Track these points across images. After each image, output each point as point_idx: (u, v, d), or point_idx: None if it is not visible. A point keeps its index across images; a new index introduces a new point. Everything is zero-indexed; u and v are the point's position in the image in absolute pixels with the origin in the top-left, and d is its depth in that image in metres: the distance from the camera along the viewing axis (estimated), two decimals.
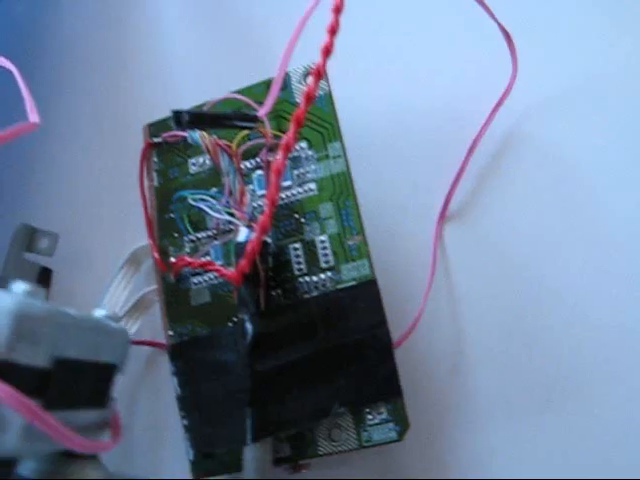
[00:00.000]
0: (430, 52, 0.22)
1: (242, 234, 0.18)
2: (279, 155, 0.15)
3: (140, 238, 0.21)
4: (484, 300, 0.20)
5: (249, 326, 0.18)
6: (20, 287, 0.12)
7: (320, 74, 0.15)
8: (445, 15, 0.22)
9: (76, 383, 0.13)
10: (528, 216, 0.20)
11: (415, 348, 0.20)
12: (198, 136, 0.19)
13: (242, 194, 0.18)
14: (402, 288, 0.20)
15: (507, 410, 0.19)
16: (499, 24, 0.19)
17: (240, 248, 0.18)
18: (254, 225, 0.18)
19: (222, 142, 0.19)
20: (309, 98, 0.15)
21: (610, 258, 0.19)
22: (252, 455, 0.17)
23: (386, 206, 0.21)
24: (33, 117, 0.16)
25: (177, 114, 0.16)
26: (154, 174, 0.20)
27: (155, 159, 0.21)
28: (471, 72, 0.21)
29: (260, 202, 0.19)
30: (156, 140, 0.21)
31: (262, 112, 0.17)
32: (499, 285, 0.20)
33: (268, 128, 0.19)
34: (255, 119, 0.17)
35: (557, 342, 0.19)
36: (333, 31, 0.15)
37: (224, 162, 0.19)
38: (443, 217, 0.21)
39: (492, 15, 0.19)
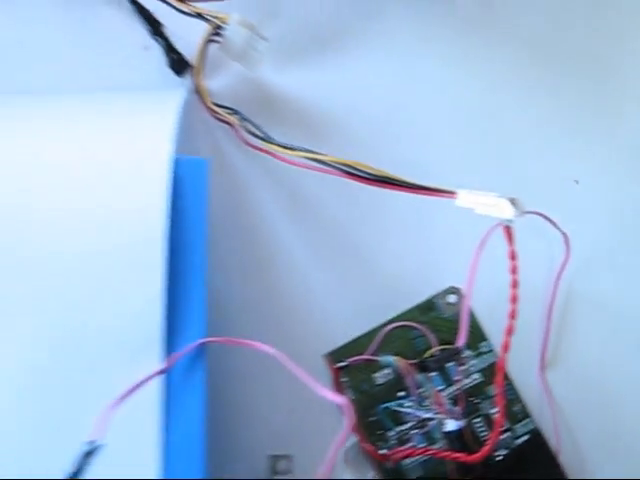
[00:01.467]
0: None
1: (451, 425, 0.27)
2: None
3: None
4: (593, 426, 0.30)
5: None
6: None
7: (502, 368, 0.25)
8: None
9: None
10: (608, 352, 0.31)
11: None
12: (392, 360, 0.28)
13: (437, 397, 0.28)
14: None
15: None
16: (560, 230, 0.30)
17: (451, 435, 0.27)
18: (456, 415, 0.27)
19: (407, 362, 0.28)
20: (500, 369, 0.25)
21: None
22: None
23: None
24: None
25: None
26: (348, 390, 0.29)
27: (344, 378, 0.29)
28: (534, 257, 0.32)
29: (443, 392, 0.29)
30: (341, 365, 0.29)
31: (460, 343, 0.26)
32: (598, 410, 0.31)
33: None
34: (458, 351, 0.27)
35: None
36: (514, 300, 0.25)
37: (418, 377, 0.28)
38: (543, 367, 0.31)
39: (553, 222, 0.30)
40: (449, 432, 0.27)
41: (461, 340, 0.27)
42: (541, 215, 0.29)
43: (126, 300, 0.25)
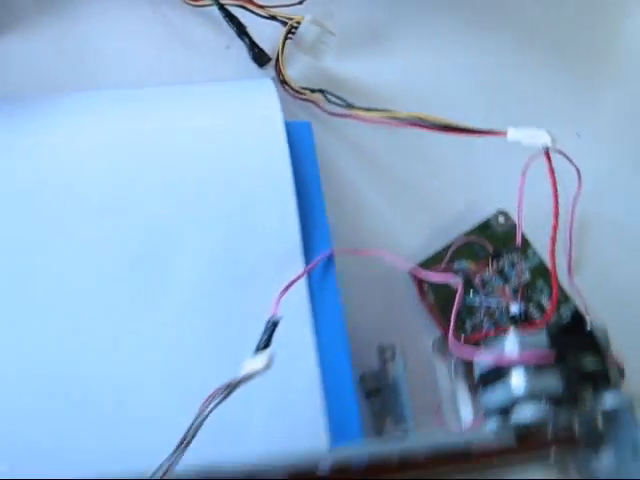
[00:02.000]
0: None
1: (515, 308, 0.37)
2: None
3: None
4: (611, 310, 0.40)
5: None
6: None
7: (554, 253, 0.35)
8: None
9: None
10: (617, 257, 0.41)
11: None
12: (465, 264, 0.37)
13: (501, 289, 0.37)
14: None
15: None
16: (573, 163, 0.40)
17: (515, 318, 0.37)
18: (518, 299, 0.37)
19: (476, 264, 0.38)
20: (552, 253, 0.35)
21: None
22: None
23: None
24: None
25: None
26: (430, 294, 0.38)
27: (426, 286, 0.38)
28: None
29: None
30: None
31: (518, 243, 0.36)
32: (616, 302, 0.40)
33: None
34: (519, 248, 0.36)
35: None
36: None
37: (484, 276, 0.37)
38: (571, 271, 0.41)
39: (567, 156, 0.40)
40: (513, 316, 0.37)
41: (518, 240, 0.37)
42: (559, 152, 0.39)
43: (274, 229, 0.34)
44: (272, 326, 0.30)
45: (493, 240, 0.38)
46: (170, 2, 0.44)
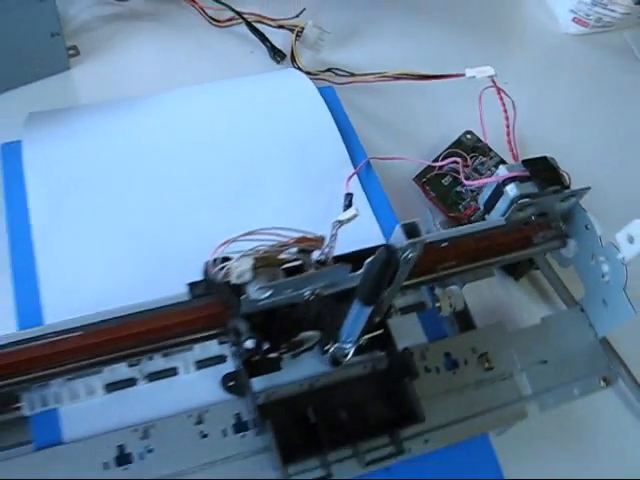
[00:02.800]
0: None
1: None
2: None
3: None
4: None
5: None
6: None
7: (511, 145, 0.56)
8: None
9: None
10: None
11: None
12: (454, 165, 0.57)
13: (479, 177, 0.57)
14: None
15: None
16: (509, 96, 0.62)
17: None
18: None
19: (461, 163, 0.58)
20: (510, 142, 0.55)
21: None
22: None
23: None
24: None
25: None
26: (431, 191, 0.58)
27: (427, 187, 0.58)
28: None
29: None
30: (424, 179, 0.58)
31: (486, 141, 0.57)
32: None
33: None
34: (486, 149, 0.57)
35: None
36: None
37: (468, 173, 0.58)
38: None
39: (504, 91, 0.61)
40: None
41: (486, 140, 0.57)
42: (499, 88, 0.60)
43: (331, 151, 0.52)
44: (350, 196, 0.49)
45: (466, 150, 0.58)
46: (201, 27, 0.64)
